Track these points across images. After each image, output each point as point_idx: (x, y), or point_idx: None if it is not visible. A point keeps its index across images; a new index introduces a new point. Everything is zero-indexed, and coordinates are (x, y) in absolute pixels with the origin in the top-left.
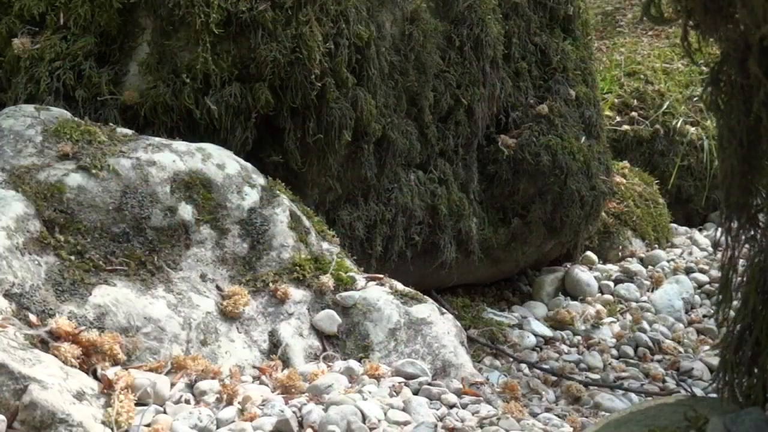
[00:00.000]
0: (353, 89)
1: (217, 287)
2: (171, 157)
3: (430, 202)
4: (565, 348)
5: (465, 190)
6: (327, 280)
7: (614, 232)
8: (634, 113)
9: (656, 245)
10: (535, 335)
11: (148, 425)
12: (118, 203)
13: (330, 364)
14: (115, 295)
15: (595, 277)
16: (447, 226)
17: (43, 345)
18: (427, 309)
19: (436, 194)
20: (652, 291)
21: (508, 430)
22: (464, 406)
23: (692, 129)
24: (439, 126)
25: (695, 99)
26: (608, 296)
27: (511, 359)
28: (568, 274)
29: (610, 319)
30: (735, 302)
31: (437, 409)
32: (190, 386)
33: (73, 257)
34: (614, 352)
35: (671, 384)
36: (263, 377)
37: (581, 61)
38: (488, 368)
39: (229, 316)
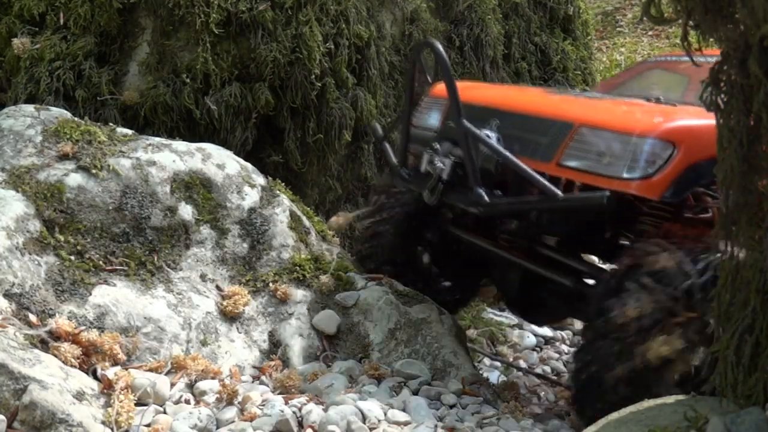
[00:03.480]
0: (353, 89)
1: (217, 287)
2: (171, 157)
3: None
4: (565, 348)
5: None
6: (327, 280)
7: None
8: None
9: None
10: (535, 335)
11: (148, 425)
12: (118, 203)
13: (330, 364)
14: (115, 295)
15: None
16: None
17: (43, 345)
18: (426, 309)
19: None
20: None
21: (508, 430)
22: (464, 406)
23: None
24: None
25: None
26: None
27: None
28: None
29: None
30: (735, 303)
31: (437, 409)
32: (190, 386)
33: (73, 257)
34: None
35: None
36: (263, 377)
37: (581, 61)
38: (488, 368)
39: (229, 316)
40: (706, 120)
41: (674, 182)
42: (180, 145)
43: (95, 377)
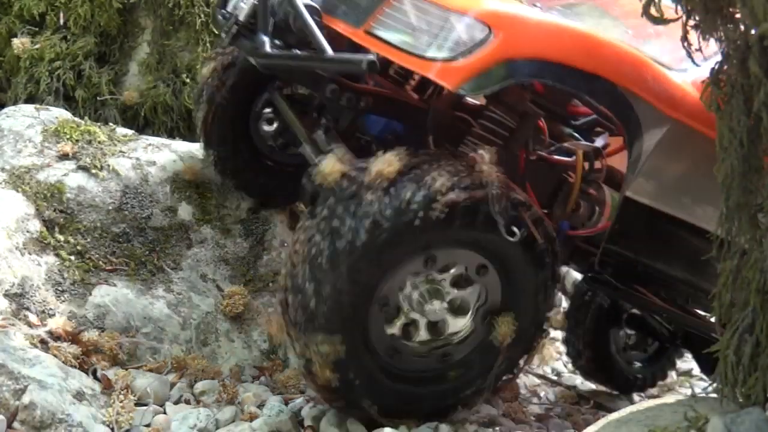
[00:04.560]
0: None
1: (218, 287)
2: (171, 157)
3: None
4: (564, 348)
5: None
6: None
7: None
8: None
9: None
10: None
11: (148, 425)
12: (118, 203)
13: None
14: (115, 295)
15: None
16: None
17: (43, 345)
18: None
19: None
20: None
21: (508, 430)
22: None
23: None
24: None
25: None
26: None
27: None
28: (568, 273)
29: None
30: (735, 303)
31: None
32: (190, 386)
33: (73, 257)
34: None
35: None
36: (263, 377)
37: None
38: None
39: (229, 316)
40: (551, 19)
41: (479, 74)
42: (180, 145)
43: (95, 377)
